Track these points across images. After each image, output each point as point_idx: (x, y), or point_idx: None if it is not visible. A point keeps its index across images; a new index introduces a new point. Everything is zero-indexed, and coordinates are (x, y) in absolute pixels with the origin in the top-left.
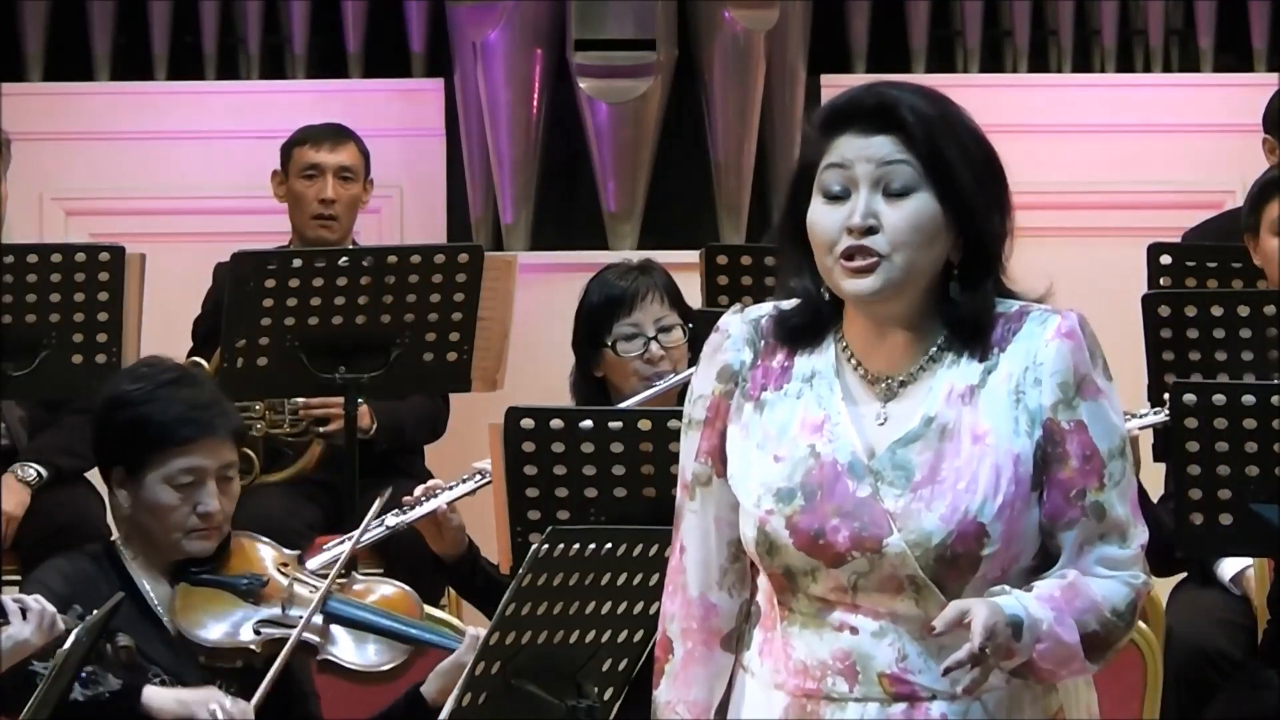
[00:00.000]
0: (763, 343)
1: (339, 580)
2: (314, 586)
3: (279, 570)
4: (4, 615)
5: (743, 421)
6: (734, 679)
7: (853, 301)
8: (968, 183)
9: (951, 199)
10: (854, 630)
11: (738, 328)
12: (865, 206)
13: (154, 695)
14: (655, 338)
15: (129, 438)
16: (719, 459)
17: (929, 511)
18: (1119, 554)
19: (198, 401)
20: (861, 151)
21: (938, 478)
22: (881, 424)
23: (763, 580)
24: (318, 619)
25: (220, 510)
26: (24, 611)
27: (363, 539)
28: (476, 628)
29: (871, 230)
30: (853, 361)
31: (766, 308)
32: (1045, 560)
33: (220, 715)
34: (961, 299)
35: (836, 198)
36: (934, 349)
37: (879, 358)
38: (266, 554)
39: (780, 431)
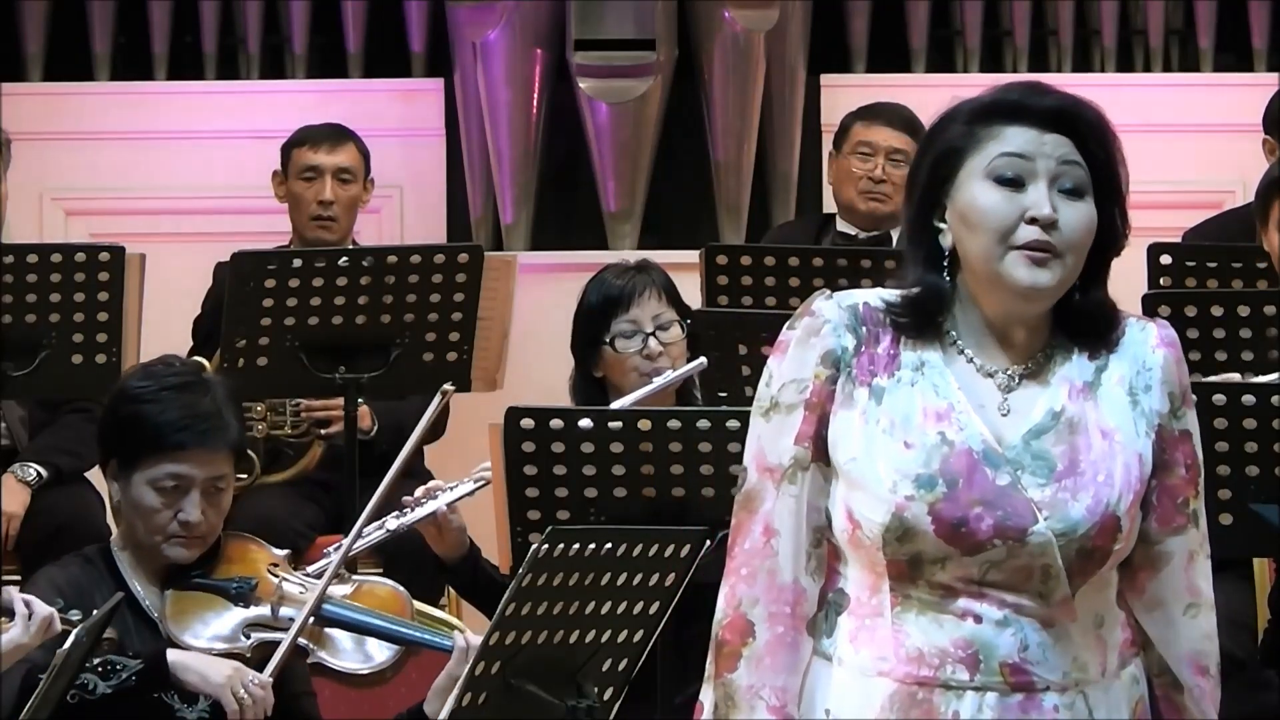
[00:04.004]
0: (864, 329)
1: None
2: (304, 587)
3: (270, 571)
4: (9, 613)
5: (859, 408)
6: (808, 668)
7: (1021, 293)
8: (1120, 196)
9: (1105, 209)
10: (978, 619)
11: (835, 313)
12: (1050, 200)
13: (178, 660)
14: (653, 334)
15: (125, 433)
16: (817, 444)
17: (1075, 502)
18: (1208, 565)
19: (197, 410)
20: (1041, 146)
21: (1078, 470)
22: (1005, 415)
23: (855, 570)
24: (310, 621)
25: (203, 521)
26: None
27: (360, 543)
28: (465, 634)
29: (1054, 224)
30: (965, 354)
31: (861, 294)
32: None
33: (246, 698)
34: (1087, 301)
35: (1011, 185)
36: (1047, 345)
37: (992, 352)
38: (257, 555)
39: (905, 419)
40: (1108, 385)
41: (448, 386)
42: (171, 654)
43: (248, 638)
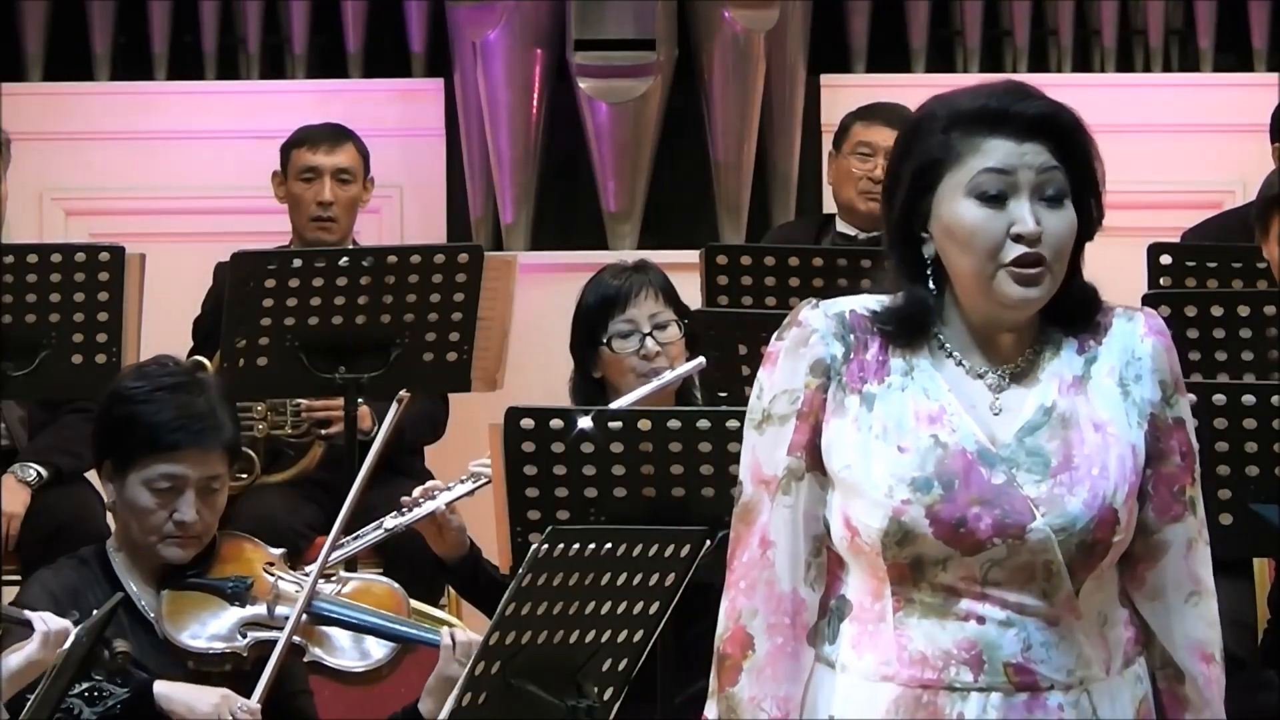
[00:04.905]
0: (852, 336)
1: (327, 576)
2: (301, 586)
3: (265, 570)
4: (26, 625)
5: (850, 415)
6: (811, 675)
7: (1011, 306)
8: (1096, 190)
9: (1083, 208)
10: (980, 620)
11: (822, 321)
12: (1033, 214)
13: (164, 692)
14: (650, 334)
15: (119, 434)
16: (811, 453)
17: (1072, 496)
18: (1208, 553)
19: (192, 410)
20: (1022, 158)
21: (1073, 464)
22: (997, 414)
23: (856, 576)
24: (304, 619)
25: (198, 521)
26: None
27: (358, 543)
28: (452, 631)
29: (1039, 237)
30: (953, 358)
31: (848, 301)
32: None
33: None
34: (1070, 291)
35: (994, 202)
36: (1034, 343)
37: (980, 354)
38: (253, 554)
39: (897, 424)
40: (1098, 378)
41: (403, 394)
42: (158, 685)
43: (244, 637)
